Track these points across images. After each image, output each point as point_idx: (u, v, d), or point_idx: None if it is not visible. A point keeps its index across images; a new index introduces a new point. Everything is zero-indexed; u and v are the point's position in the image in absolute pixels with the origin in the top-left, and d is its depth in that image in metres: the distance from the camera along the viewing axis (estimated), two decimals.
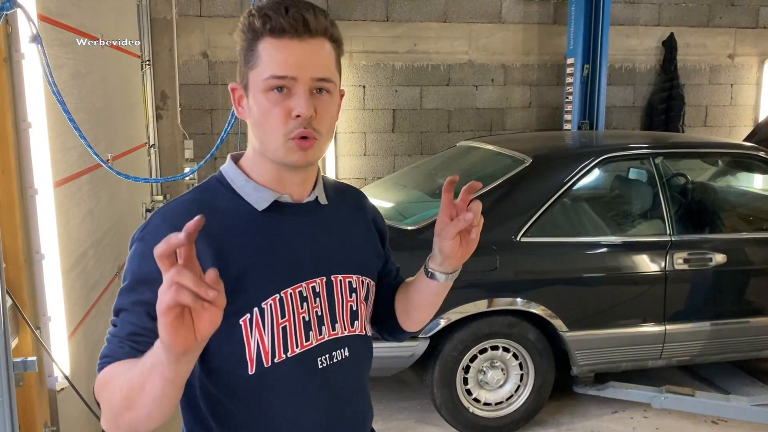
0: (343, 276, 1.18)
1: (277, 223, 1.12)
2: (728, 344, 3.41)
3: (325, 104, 1.07)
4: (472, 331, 3.12)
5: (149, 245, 1.02)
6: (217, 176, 1.16)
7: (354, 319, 1.20)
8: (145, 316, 1.03)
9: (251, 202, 1.11)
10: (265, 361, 1.08)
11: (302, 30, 1.03)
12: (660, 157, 3.53)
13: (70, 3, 2.92)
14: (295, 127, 1.04)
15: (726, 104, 6.94)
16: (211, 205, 1.10)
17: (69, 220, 2.66)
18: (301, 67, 1.04)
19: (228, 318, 0.98)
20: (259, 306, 1.07)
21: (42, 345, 2.25)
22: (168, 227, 1.03)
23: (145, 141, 5.14)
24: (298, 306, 1.11)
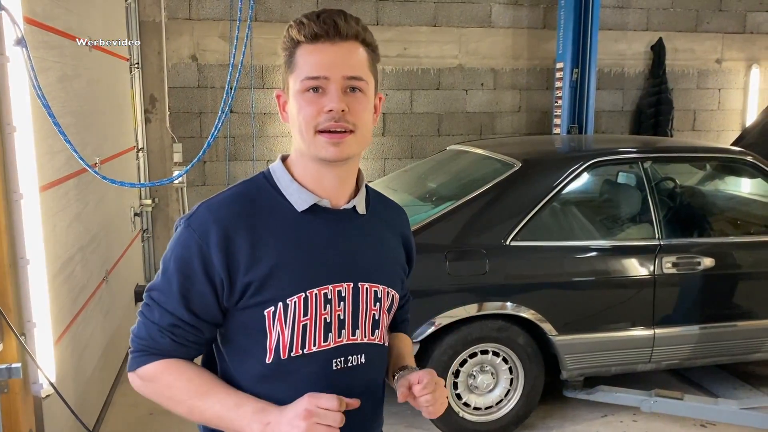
0: (370, 285, 1.22)
1: (314, 226, 1.18)
2: (717, 348, 3.43)
3: (358, 102, 1.14)
4: (462, 336, 3.12)
5: (193, 235, 1.13)
6: (265, 173, 1.23)
7: (375, 327, 1.24)
8: (182, 307, 1.13)
9: (292, 201, 1.18)
10: (282, 353, 1.14)
11: (333, 33, 1.11)
12: (649, 161, 3.55)
13: (57, 6, 2.90)
14: (325, 120, 1.10)
15: (714, 109, 6.99)
16: (254, 199, 1.18)
17: (56, 224, 2.64)
18: (333, 67, 1.11)
19: (255, 307, 1.14)
20: (284, 301, 1.13)
21: (27, 351, 2.22)
22: (212, 218, 1.14)
23: (134, 144, 5.11)
24: (321, 307, 1.16)
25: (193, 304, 1.13)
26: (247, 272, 1.12)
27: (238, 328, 1.17)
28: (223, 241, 1.11)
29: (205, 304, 1.14)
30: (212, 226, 1.12)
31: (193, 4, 5.59)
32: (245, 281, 1.12)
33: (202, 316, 1.15)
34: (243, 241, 1.12)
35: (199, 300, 1.13)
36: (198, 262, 1.12)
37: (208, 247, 1.11)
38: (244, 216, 1.14)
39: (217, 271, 1.11)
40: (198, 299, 1.13)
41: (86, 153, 2.96)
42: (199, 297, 1.13)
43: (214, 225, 1.12)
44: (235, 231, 1.12)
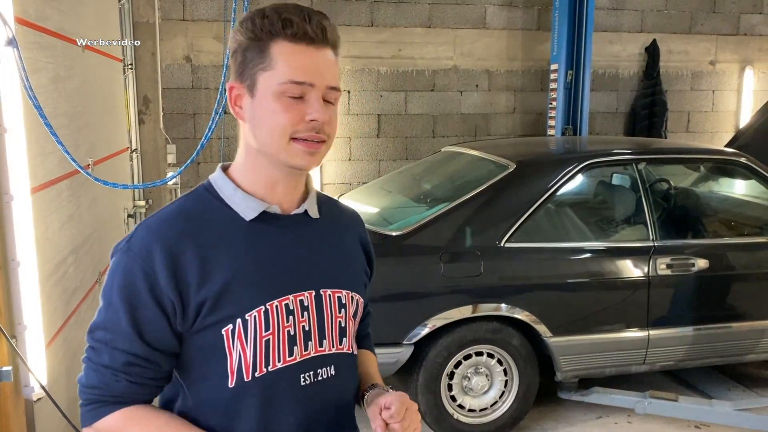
0: (333, 291, 1.15)
1: (266, 234, 1.10)
2: (711, 349, 3.43)
3: (333, 112, 1.09)
4: (457, 337, 3.11)
5: (135, 258, 1.03)
6: (206, 185, 1.14)
7: (342, 336, 1.17)
8: (135, 341, 1.03)
9: (239, 211, 1.10)
10: (246, 374, 1.06)
11: (321, 38, 1.05)
12: (643, 162, 3.55)
13: (50, 6, 2.88)
14: (305, 129, 1.05)
15: (708, 110, 7.01)
16: (198, 213, 1.09)
17: (48, 226, 2.62)
18: (319, 75, 1.05)
19: (211, 327, 1.05)
20: (242, 317, 1.05)
21: (18, 354, 2.20)
22: (153, 238, 1.04)
23: (127, 145, 5.09)
24: (284, 319, 1.08)
25: (146, 334, 1.03)
26: (198, 290, 1.03)
27: (196, 353, 1.07)
28: (168, 260, 1.02)
29: (158, 331, 1.03)
30: (154, 245, 1.03)
31: (187, 4, 5.57)
32: (198, 300, 1.03)
33: (158, 347, 1.04)
34: (190, 257, 1.03)
35: (151, 328, 1.03)
36: (144, 287, 1.02)
37: (153, 269, 1.02)
38: (188, 231, 1.06)
39: (165, 293, 1.02)
40: (150, 328, 1.03)
41: (79, 154, 2.94)
42: (151, 325, 1.03)
43: (157, 244, 1.03)
44: (180, 248, 1.03)
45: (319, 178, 6.03)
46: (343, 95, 6.03)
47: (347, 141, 6.13)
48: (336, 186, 6.10)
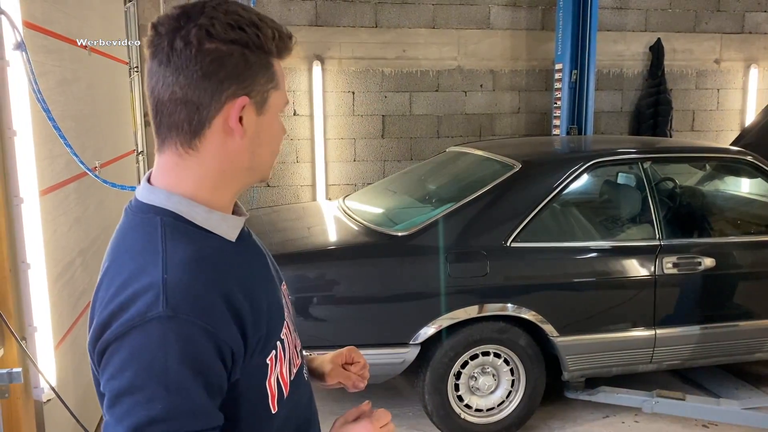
0: (283, 286, 1.16)
1: (247, 249, 1.05)
2: (718, 348, 3.43)
3: None
4: (463, 338, 3.11)
5: (190, 321, 0.85)
6: (168, 215, 0.95)
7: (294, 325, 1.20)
8: (214, 411, 0.88)
9: (221, 233, 0.98)
10: (285, 391, 1.03)
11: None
12: (648, 161, 3.55)
13: (57, 9, 2.90)
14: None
15: (713, 109, 7.00)
16: (202, 250, 0.94)
17: (56, 228, 2.64)
18: None
19: (258, 360, 0.97)
20: (279, 338, 1.03)
21: (28, 356, 2.21)
22: (206, 291, 0.89)
23: (134, 148, 5.11)
24: (288, 326, 1.10)
25: (217, 398, 0.89)
26: (255, 329, 0.95)
27: (236, 399, 0.94)
28: (226, 309, 0.90)
29: (222, 392, 0.91)
30: (210, 299, 0.89)
31: None
32: (256, 340, 0.95)
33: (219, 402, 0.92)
34: (239, 297, 0.93)
35: (219, 391, 0.90)
36: (211, 349, 0.87)
37: (215, 326, 0.87)
38: (220, 274, 0.93)
39: (227, 346, 0.89)
40: (218, 391, 0.90)
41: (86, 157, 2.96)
42: (219, 388, 0.90)
43: (212, 296, 0.89)
44: (229, 291, 0.92)
45: (324, 179, 6.05)
46: (347, 96, 6.08)
47: (352, 142, 6.14)
48: (341, 187, 6.11)
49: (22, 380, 2.09)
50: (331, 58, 5.95)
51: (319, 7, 5.84)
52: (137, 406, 0.82)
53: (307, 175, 6.08)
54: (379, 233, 3.24)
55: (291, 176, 6.03)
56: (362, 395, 1.23)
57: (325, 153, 6.03)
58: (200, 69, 0.91)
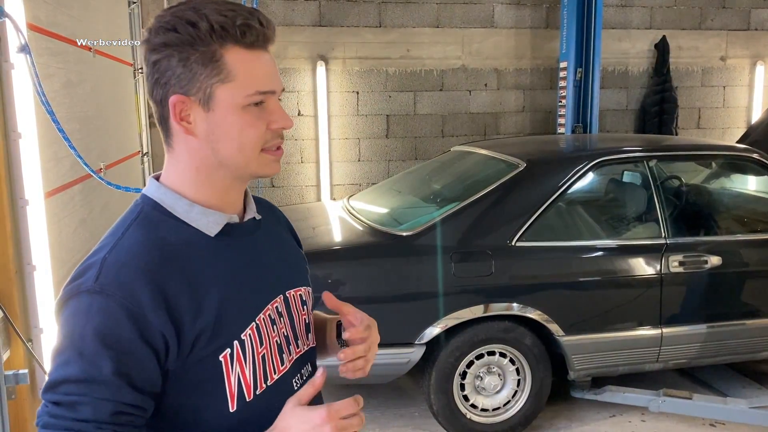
0: (294, 290, 1.14)
1: (233, 247, 1.05)
2: (725, 346, 3.41)
3: None
4: (469, 337, 3.11)
5: (113, 297, 0.91)
6: (149, 204, 1.02)
7: (308, 331, 1.17)
8: (124, 388, 0.91)
9: (200, 227, 1.01)
10: (248, 395, 1.01)
11: (268, 41, 1.00)
12: (654, 159, 3.54)
13: (61, 12, 2.91)
14: (273, 137, 1.01)
15: (719, 106, 6.97)
16: (162, 238, 0.98)
17: (61, 230, 2.64)
18: (276, 79, 1.01)
19: (208, 357, 0.98)
20: (239, 338, 1.00)
21: (34, 357, 2.22)
22: (135, 274, 0.93)
23: (139, 149, 5.12)
24: (271, 330, 1.06)
25: (136, 379, 0.92)
26: (195, 321, 0.95)
27: (185, 389, 0.98)
28: (157, 293, 0.92)
29: (148, 374, 0.93)
30: (137, 280, 0.92)
31: None
32: (196, 332, 0.95)
33: (148, 390, 0.94)
34: (177, 288, 0.95)
35: (142, 373, 0.92)
36: (132, 330, 0.90)
37: (141, 307, 0.91)
38: (165, 259, 0.96)
39: (157, 332, 0.92)
40: (141, 372, 0.92)
41: (91, 158, 2.97)
42: (141, 369, 0.92)
43: (140, 279, 0.92)
44: (164, 280, 0.94)
45: (328, 179, 6.05)
46: (351, 96, 6.08)
47: (356, 142, 6.14)
48: (345, 187, 6.11)
49: (28, 381, 2.10)
50: (335, 58, 5.95)
51: (322, 7, 5.84)
52: (58, 366, 0.91)
53: (312, 176, 6.09)
54: (383, 233, 3.24)
55: (295, 176, 6.04)
56: (369, 395, 1.19)
57: (329, 153, 6.03)
58: (151, 75, 0.99)
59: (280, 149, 1.03)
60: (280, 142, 1.03)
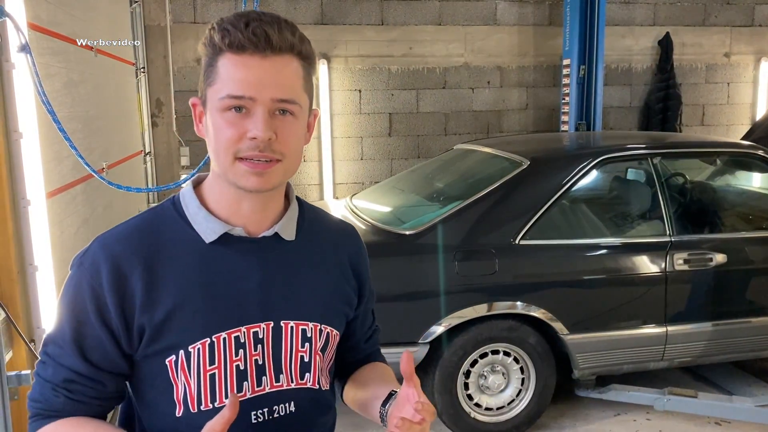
0: (296, 322, 1.06)
1: (224, 258, 1.02)
2: (730, 344, 3.39)
3: (287, 126, 0.98)
4: (472, 336, 3.09)
5: (85, 274, 1.00)
6: (174, 199, 1.07)
7: (305, 371, 1.08)
8: (77, 358, 0.99)
9: (200, 232, 1.03)
10: (191, 407, 1.01)
11: (264, 46, 0.95)
12: (658, 157, 3.52)
13: (62, 11, 2.90)
14: (247, 148, 0.96)
15: (723, 103, 6.94)
16: (156, 232, 1.03)
17: (63, 230, 2.64)
18: (260, 87, 0.95)
19: (155, 356, 1.01)
20: (185, 349, 1.00)
21: (37, 358, 2.22)
22: (104, 255, 1.00)
23: (141, 149, 5.12)
24: (232, 353, 1.01)
25: (89, 353, 0.99)
26: (141, 315, 0.98)
27: (144, 378, 1.03)
28: (115, 280, 0.97)
29: (103, 351, 0.99)
30: (104, 263, 0.98)
31: (198, 7, 5.59)
32: (139, 325, 0.99)
33: (102, 366, 1.00)
34: (138, 280, 0.98)
35: (95, 348, 0.99)
36: (91, 305, 0.98)
37: (101, 286, 0.97)
38: (140, 251, 1.00)
39: (112, 314, 0.98)
40: (95, 347, 0.99)
41: (93, 158, 2.97)
42: (95, 344, 0.99)
43: (106, 262, 0.98)
44: (128, 268, 0.98)
45: (331, 178, 6.04)
46: (354, 94, 6.07)
47: (359, 140, 6.12)
48: (348, 186, 6.10)
49: (30, 382, 2.09)
50: (338, 56, 5.94)
51: (324, 5, 5.83)
52: (52, 328, 1.03)
53: (315, 174, 6.08)
54: (386, 232, 3.23)
55: (298, 175, 6.03)
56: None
57: (332, 152, 6.02)
58: None
59: (260, 163, 0.96)
60: (256, 154, 0.96)
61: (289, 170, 1.01)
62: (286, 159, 0.99)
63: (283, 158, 0.98)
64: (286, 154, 0.99)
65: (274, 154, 0.97)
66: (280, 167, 0.99)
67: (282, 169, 0.99)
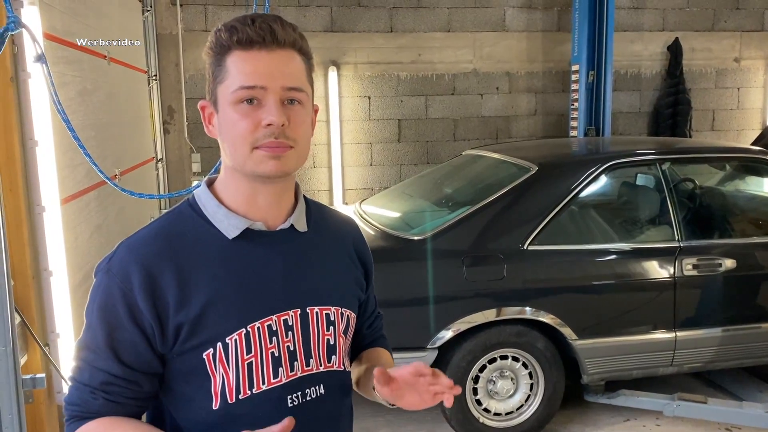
0: (320, 308, 1.12)
1: (248, 252, 1.07)
2: (740, 350, 3.38)
3: (297, 114, 1.04)
4: (481, 341, 3.11)
5: (113, 279, 1.02)
6: (191, 201, 1.11)
7: (331, 353, 1.14)
8: (113, 361, 1.02)
9: (222, 229, 1.07)
10: (230, 397, 1.05)
11: (270, 40, 1.01)
12: (667, 162, 3.52)
13: (76, 21, 2.95)
14: (264, 136, 1.01)
15: (733, 108, 6.91)
16: (179, 233, 1.07)
17: (77, 236, 2.68)
18: (271, 77, 1.01)
19: (192, 351, 1.04)
20: (222, 341, 1.04)
21: (50, 362, 2.25)
22: (132, 259, 1.03)
23: (153, 155, 5.17)
24: (267, 341, 1.06)
25: (124, 355, 1.02)
26: (177, 314, 1.02)
27: (178, 375, 1.06)
28: (146, 282, 1.01)
29: (137, 353, 1.03)
30: (133, 267, 1.02)
31: (209, 16, 5.65)
32: (176, 324, 1.02)
33: (137, 368, 1.03)
34: (169, 279, 1.02)
35: (130, 350, 1.02)
36: (123, 308, 1.01)
37: (132, 291, 1.01)
38: (167, 252, 1.04)
39: (145, 316, 1.01)
40: (129, 349, 1.02)
41: (106, 165, 3.01)
42: (130, 347, 1.02)
43: (135, 265, 1.02)
44: (158, 270, 1.02)
45: (340, 184, 6.07)
46: (363, 101, 6.10)
47: (368, 146, 6.15)
48: (357, 191, 6.13)
49: (45, 385, 2.13)
50: (347, 63, 5.97)
51: (334, 13, 5.87)
52: (82, 331, 1.06)
53: (324, 180, 6.11)
54: (395, 237, 3.25)
55: (308, 181, 6.06)
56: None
57: (341, 158, 6.05)
58: None
59: (277, 148, 1.02)
60: (271, 141, 1.01)
61: (301, 156, 1.07)
62: (298, 145, 1.05)
63: (296, 144, 1.04)
64: (298, 140, 1.04)
65: (287, 141, 1.02)
66: (293, 153, 1.04)
67: (295, 155, 1.05)
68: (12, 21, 1.90)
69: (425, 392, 1.08)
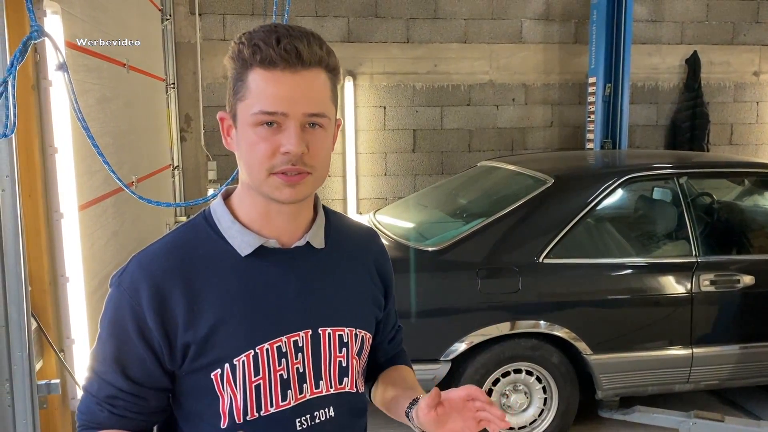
0: (333, 329, 1.09)
1: (261, 271, 1.05)
2: (758, 368, 3.33)
3: (318, 139, 1.00)
4: (495, 354, 3.08)
5: (124, 294, 1.01)
6: (206, 214, 1.09)
7: (343, 375, 1.11)
8: (119, 376, 1.02)
9: (235, 246, 1.04)
10: (237, 417, 1.03)
11: (295, 62, 0.96)
12: (684, 176, 3.49)
13: (97, 30, 2.98)
14: (281, 162, 0.97)
15: (752, 122, 6.85)
16: (191, 247, 1.05)
17: (93, 242, 2.70)
18: (293, 103, 0.96)
19: (200, 371, 1.03)
20: (230, 362, 1.02)
21: (65, 367, 2.26)
22: (142, 275, 1.01)
23: (170, 162, 5.21)
24: (275, 363, 1.04)
25: (132, 370, 1.01)
26: (185, 333, 1.00)
27: (188, 392, 1.05)
28: (155, 299, 0.99)
29: (145, 369, 1.02)
30: (143, 283, 1.00)
31: (228, 25, 5.70)
32: (184, 343, 1.01)
33: (144, 383, 1.02)
34: (178, 298, 1.00)
35: (138, 366, 1.01)
36: (132, 325, 1.00)
37: (141, 307, 0.99)
38: (178, 268, 1.02)
39: (153, 334, 1.00)
40: (137, 365, 1.01)
41: (123, 172, 3.03)
42: (137, 362, 1.01)
43: (144, 282, 1.00)
44: (167, 287, 1.00)
45: (355, 193, 6.08)
46: (379, 111, 6.11)
47: (383, 156, 6.16)
48: (372, 201, 6.13)
49: (59, 391, 2.14)
50: (363, 73, 6.00)
51: (351, 23, 5.90)
52: (95, 341, 1.06)
53: (339, 189, 6.12)
54: (409, 248, 3.24)
55: (322, 190, 6.08)
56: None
57: (356, 167, 6.06)
58: None
59: (293, 176, 0.98)
60: (289, 168, 0.97)
61: (318, 181, 1.03)
62: (316, 171, 1.01)
63: (314, 171, 1.00)
64: (317, 167, 1.01)
65: (305, 167, 0.98)
66: (311, 179, 1.01)
67: (312, 181, 1.01)
68: (35, 30, 1.92)
69: (470, 419, 1.04)
